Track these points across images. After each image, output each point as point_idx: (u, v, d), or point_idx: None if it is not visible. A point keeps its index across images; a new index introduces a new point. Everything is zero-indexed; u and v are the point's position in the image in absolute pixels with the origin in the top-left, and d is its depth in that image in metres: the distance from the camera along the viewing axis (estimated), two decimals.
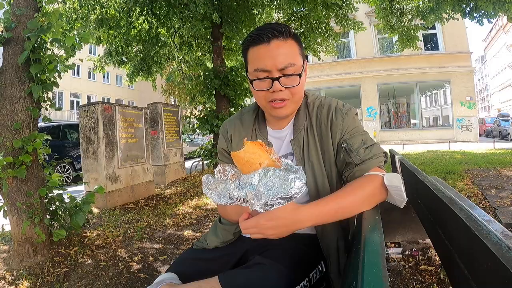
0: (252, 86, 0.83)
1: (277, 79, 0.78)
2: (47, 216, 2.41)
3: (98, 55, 7.57)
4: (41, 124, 3.53)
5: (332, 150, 0.86)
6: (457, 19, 6.04)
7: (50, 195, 2.45)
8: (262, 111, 0.95)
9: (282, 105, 0.81)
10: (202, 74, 6.41)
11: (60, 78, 2.41)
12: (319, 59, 7.72)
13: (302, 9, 6.30)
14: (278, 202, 0.65)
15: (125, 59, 7.11)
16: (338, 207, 0.72)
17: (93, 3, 5.82)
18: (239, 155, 0.70)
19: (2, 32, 2.22)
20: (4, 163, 2.13)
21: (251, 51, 0.81)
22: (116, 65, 7.19)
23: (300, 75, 0.80)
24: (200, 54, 7.65)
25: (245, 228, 0.69)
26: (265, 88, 0.80)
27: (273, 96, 0.80)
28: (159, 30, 6.82)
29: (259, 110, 0.96)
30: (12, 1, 2.26)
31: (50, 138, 2.45)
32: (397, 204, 0.78)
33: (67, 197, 2.61)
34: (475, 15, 5.48)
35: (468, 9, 5.49)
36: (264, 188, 0.65)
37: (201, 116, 6.36)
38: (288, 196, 0.64)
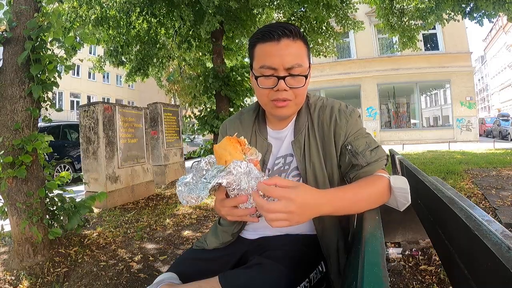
0: (256, 83, 0.82)
1: (283, 78, 0.77)
2: (47, 216, 2.41)
3: (98, 56, 7.58)
4: (41, 124, 3.53)
5: (334, 151, 0.85)
6: (458, 21, 6.03)
7: (50, 195, 2.45)
8: (263, 111, 0.94)
9: (284, 104, 0.81)
10: (202, 74, 6.42)
11: (60, 78, 2.40)
12: (321, 57, 7.71)
13: (302, 9, 6.30)
14: (187, 201, 0.68)
15: (124, 60, 7.11)
16: (356, 197, 0.71)
17: (93, 2, 5.83)
18: (215, 148, 0.74)
19: (2, 31, 2.21)
20: (4, 163, 2.13)
21: (258, 47, 0.81)
22: (116, 65, 7.19)
23: (306, 77, 0.80)
24: (200, 54, 7.66)
25: (272, 211, 0.59)
26: (269, 86, 0.80)
27: (277, 95, 0.80)
28: (158, 31, 6.83)
29: (259, 110, 0.96)
30: (12, 1, 2.26)
31: (52, 138, 2.44)
32: (398, 206, 0.78)
33: (69, 196, 2.61)
34: (475, 15, 5.48)
35: (468, 9, 5.49)
36: (193, 183, 0.69)
37: (201, 116, 6.36)
38: (193, 196, 0.66)
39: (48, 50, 2.30)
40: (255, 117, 0.96)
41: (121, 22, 6.21)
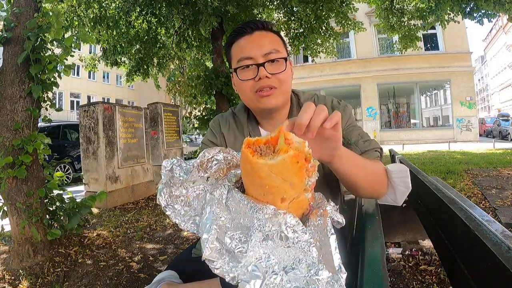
0: (237, 77, 0.80)
1: (262, 64, 0.76)
2: (47, 216, 2.40)
3: (95, 54, 7.54)
4: (41, 124, 3.53)
5: None
6: (458, 22, 6.03)
7: (50, 195, 2.45)
8: (253, 113, 0.91)
9: (269, 93, 0.78)
10: (202, 74, 6.41)
11: (60, 78, 2.40)
12: (313, 60, 7.70)
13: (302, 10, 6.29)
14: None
15: (120, 60, 7.06)
16: (364, 165, 0.70)
17: (91, 2, 5.82)
18: (259, 165, 0.42)
19: (2, 32, 2.21)
20: (4, 163, 2.12)
21: (234, 45, 0.82)
22: (109, 65, 7.14)
23: (285, 59, 0.79)
24: (200, 54, 7.65)
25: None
26: (250, 77, 0.78)
27: (260, 84, 0.77)
28: (158, 31, 6.82)
29: (249, 111, 0.93)
30: (12, 0, 2.26)
31: (50, 141, 2.43)
32: (397, 198, 0.76)
33: (68, 197, 2.60)
34: (475, 15, 5.48)
35: (468, 9, 5.49)
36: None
37: (201, 116, 6.37)
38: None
39: (48, 50, 2.30)
40: (247, 118, 0.93)
41: (120, 22, 6.20)
